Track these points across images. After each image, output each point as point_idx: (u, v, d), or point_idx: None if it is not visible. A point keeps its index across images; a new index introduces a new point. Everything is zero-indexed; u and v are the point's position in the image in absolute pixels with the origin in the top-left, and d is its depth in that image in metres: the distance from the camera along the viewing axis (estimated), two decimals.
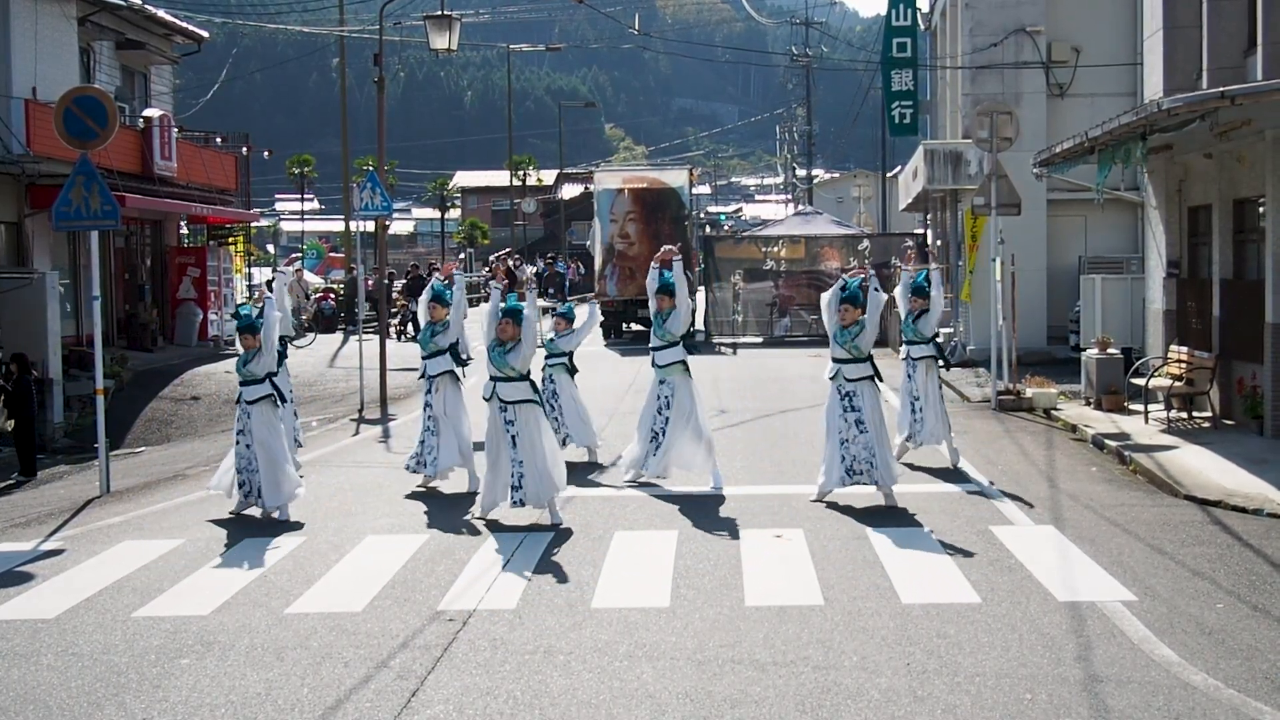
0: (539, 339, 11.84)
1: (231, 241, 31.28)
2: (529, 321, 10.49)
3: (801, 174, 60.00)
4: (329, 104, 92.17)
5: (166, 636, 7.60)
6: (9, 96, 21.33)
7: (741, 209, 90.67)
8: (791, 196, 64.70)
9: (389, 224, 28.47)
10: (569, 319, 13.69)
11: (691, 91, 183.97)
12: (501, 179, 72.01)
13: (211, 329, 28.54)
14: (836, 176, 65.74)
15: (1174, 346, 16.35)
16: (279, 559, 9.52)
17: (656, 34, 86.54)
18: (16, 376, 15.93)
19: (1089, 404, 17.01)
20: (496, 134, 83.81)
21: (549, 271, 32.87)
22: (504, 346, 10.43)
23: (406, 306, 29.77)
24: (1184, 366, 15.64)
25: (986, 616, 7.66)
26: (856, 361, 11.12)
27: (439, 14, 21.66)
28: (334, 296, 34.59)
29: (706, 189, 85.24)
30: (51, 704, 6.51)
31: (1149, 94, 16.69)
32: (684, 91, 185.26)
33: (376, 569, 9.10)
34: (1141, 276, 19.36)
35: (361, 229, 33.60)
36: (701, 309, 30.79)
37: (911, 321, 13.09)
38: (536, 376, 11.15)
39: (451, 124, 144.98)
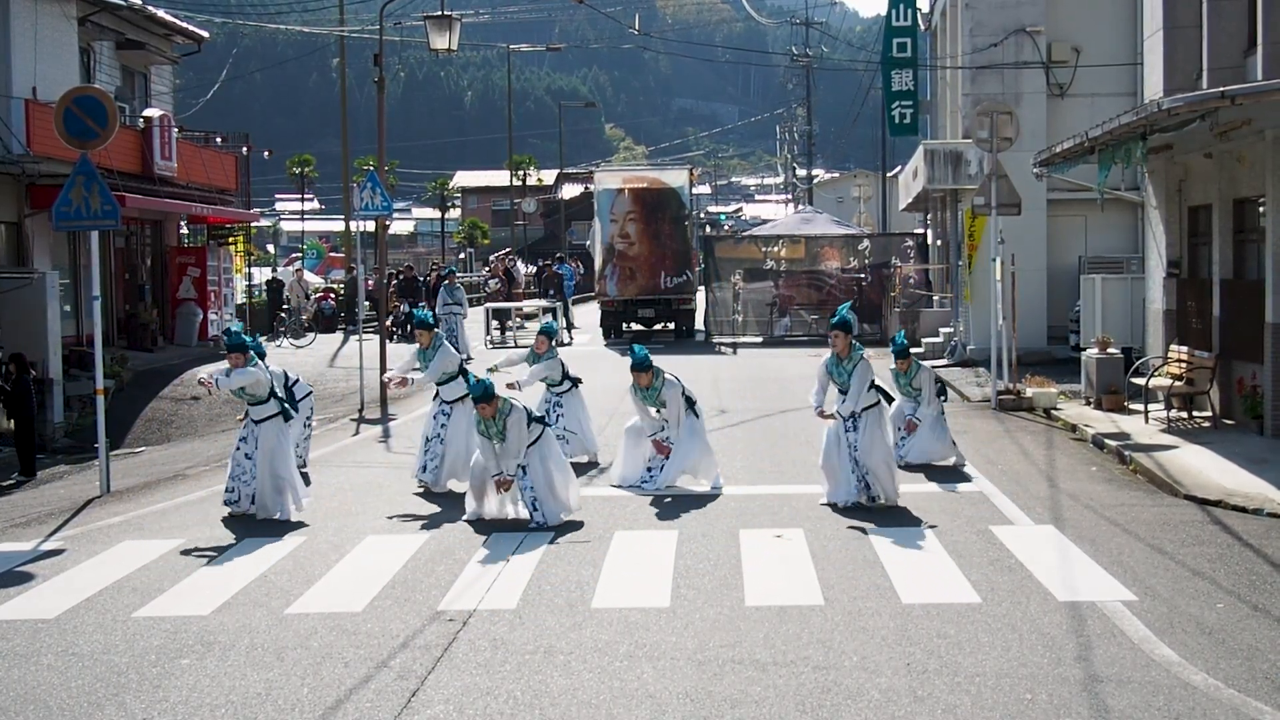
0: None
1: (231, 241, 31.25)
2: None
3: (801, 174, 60.05)
4: (329, 104, 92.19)
5: (166, 636, 7.60)
6: (9, 96, 21.33)
7: (741, 209, 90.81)
8: (791, 196, 64.74)
9: (389, 224, 28.44)
10: (549, 335, 13.54)
11: (691, 91, 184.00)
12: (501, 179, 72.06)
13: (211, 329, 28.52)
14: (836, 176, 65.81)
15: (1174, 346, 16.35)
16: (279, 559, 9.52)
17: (656, 34, 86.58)
18: (15, 376, 15.94)
19: (1089, 404, 17.02)
20: (496, 134, 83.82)
21: (547, 272, 32.78)
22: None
23: (399, 308, 29.73)
24: (1184, 366, 15.64)
25: (987, 616, 7.66)
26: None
27: (439, 14, 21.66)
28: (334, 296, 34.60)
29: (706, 189, 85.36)
30: (51, 704, 6.51)
31: (1149, 94, 16.69)
32: (684, 91, 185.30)
33: (376, 569, 9.11)
34: (1141, 276, 19.35)
35: (361, 229, 33.59)
36: (702, 309, 30.91)
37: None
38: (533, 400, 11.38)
39: (451, 124, 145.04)
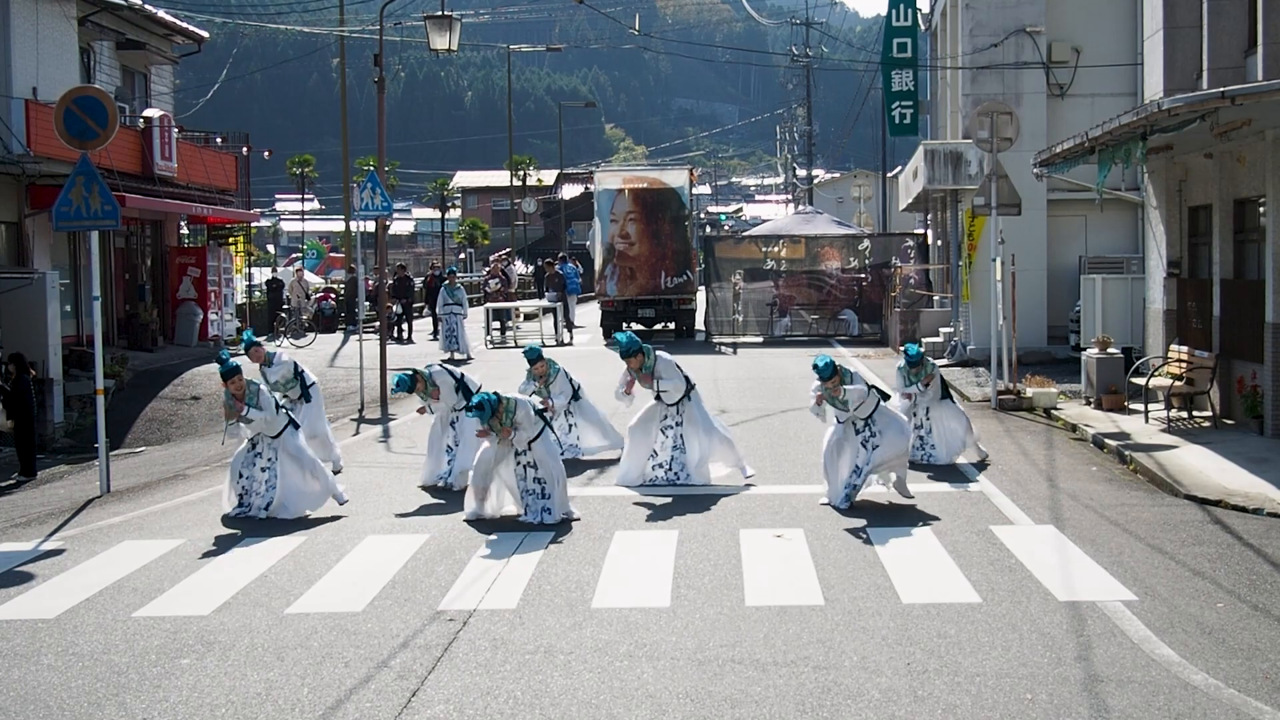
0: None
1: (231, 241, 31.24)
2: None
3: (801, 174, 59.99)
4: (329, 104, 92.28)
5: (167, 636, 7.60)
6: (9, 96, 21.32)
7: (742, 209, 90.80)
8: (792, 196, 64.68)
9: (389, 224, 28.41)
10: (539, 357, 13.22)
11: (691, 91, 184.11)
12: (501, 179, 72.14)
13: (211, 329, 28.52)
14: (836, 177, 65.73)
15: (1174, 346, 16.35)
16: (279, 559, 9.52)
17: (656, 34, 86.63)
18: (15, 376, 15.93)
19: (1089, 404, 17.01)
20: (496, 134, 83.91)
21: (548, 271, 32.74)
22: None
23: (391, 308, 29.61)
24: (1184, 366, 15.64)
25: (987, 616, 7.66)
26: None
27: (439, 14, 21.64)
28: (334, 296, 34.60)
29: (706, 189, 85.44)
30: (52, 704, 6.51)
31: (1149, 94, 16.70)
32: (684, 91, 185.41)
33: (376, 569, 9.11)
34: (1141, 276, 19.35)
35: (361, 229, 33.64)
36: (702, 309, 30.89)
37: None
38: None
39: (451, 124, 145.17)
